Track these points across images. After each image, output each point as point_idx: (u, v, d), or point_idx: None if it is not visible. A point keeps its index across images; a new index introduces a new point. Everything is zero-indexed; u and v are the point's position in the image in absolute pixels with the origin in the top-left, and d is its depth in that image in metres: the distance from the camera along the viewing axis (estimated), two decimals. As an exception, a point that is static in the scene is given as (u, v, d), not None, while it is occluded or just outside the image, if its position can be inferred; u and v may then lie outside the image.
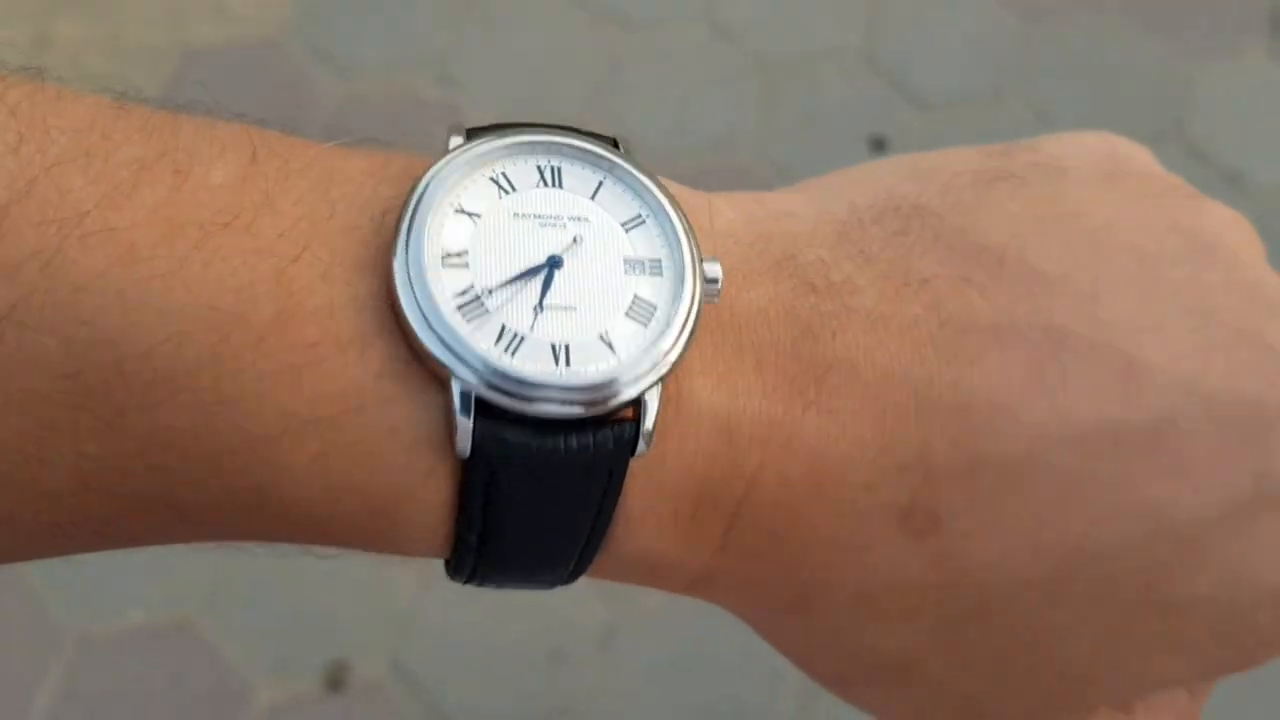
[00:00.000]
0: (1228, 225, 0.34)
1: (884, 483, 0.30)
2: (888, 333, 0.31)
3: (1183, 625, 0.32)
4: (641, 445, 0.29)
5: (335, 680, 1.38)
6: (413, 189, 0.28)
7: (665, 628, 1.41)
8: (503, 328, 0.28)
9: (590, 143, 0.31)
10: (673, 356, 0.28)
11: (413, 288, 0.27)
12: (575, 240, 0.29)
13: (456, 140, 0.30)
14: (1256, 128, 1.75)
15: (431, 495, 0.28)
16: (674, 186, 0.32)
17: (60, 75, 0.29)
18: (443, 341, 0.27)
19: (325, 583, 1.43)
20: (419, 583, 1.43)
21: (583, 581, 0.34)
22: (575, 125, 0.32)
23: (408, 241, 0.27)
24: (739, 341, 0.30)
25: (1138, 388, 0.31)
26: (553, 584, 0.33)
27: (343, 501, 0.28)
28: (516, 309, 0.28)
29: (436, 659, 1.40)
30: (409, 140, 0.33)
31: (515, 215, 0.29)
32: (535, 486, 0.28)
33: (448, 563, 0.32)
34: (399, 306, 0.27)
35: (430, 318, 0.27)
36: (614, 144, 0.32)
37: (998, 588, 0.31)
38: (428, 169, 0.29)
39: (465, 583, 0.32)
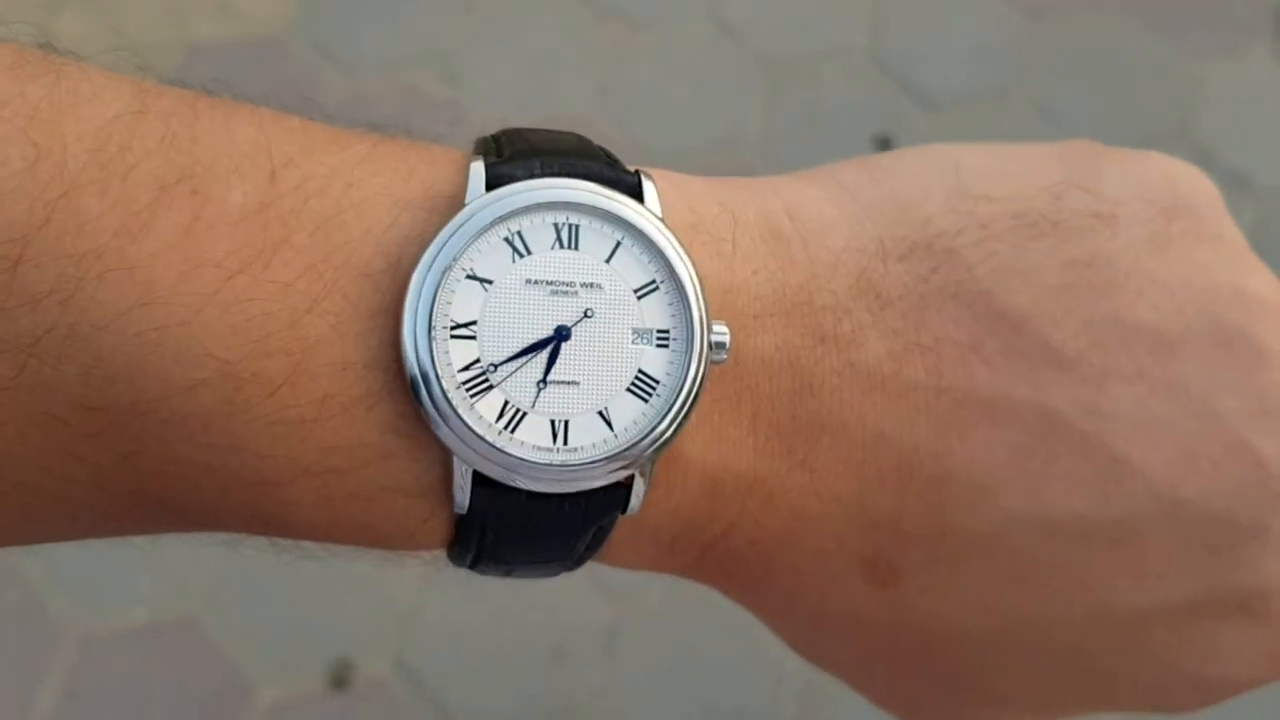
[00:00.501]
0: (1263, 311, 0.33)
1: (853, 536, 0.32)
2: (885, 396, 0.31)
3: (1103, 686, 0.34)
4: (632, 507, 0.30)
5: (339, 679, 1.38)
6: (428, 250, 0.28)
7: (668, 629, 1.41)
8: (505, 403, 0.29)
9: (611, 196, 0.30)
10: (669, 437, 0.29)
11: (419, 359, 0.28)
12: (586, 313, 0.30)
13: (476, 167, 0.30)
14: (1262, 129, 1.75)
15: (428, 536, 0.30)
16: (699, 190, 0.32)
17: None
18: (444, 419, 0.28)
19: (329, 581, 1.43)
20: (423, 581, 1.43)
21: (587, 582, 0.37)
22: (588, 138, 0.32)
23: (417, 310, 0.28)
24: (739, 393, 0.31)
25: (1115, 487, 0.31)
26: (541, 577, 0.35)
27: (345, 533, 0.30)
28: (520, 384, 0.29)
29: (440, 658, 1.40)
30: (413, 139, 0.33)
31: (527, 282, 0.29)
32: (525, 542, 0.30)
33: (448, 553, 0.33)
34: (406, 375, 0.28)
35: (434, 393, 0.28)
36: (637, 183, 0.31)
37: (943, 633, 0.33)
38: (444, 227, 0.29)
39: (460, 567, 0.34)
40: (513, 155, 0.30)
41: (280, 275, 0.27)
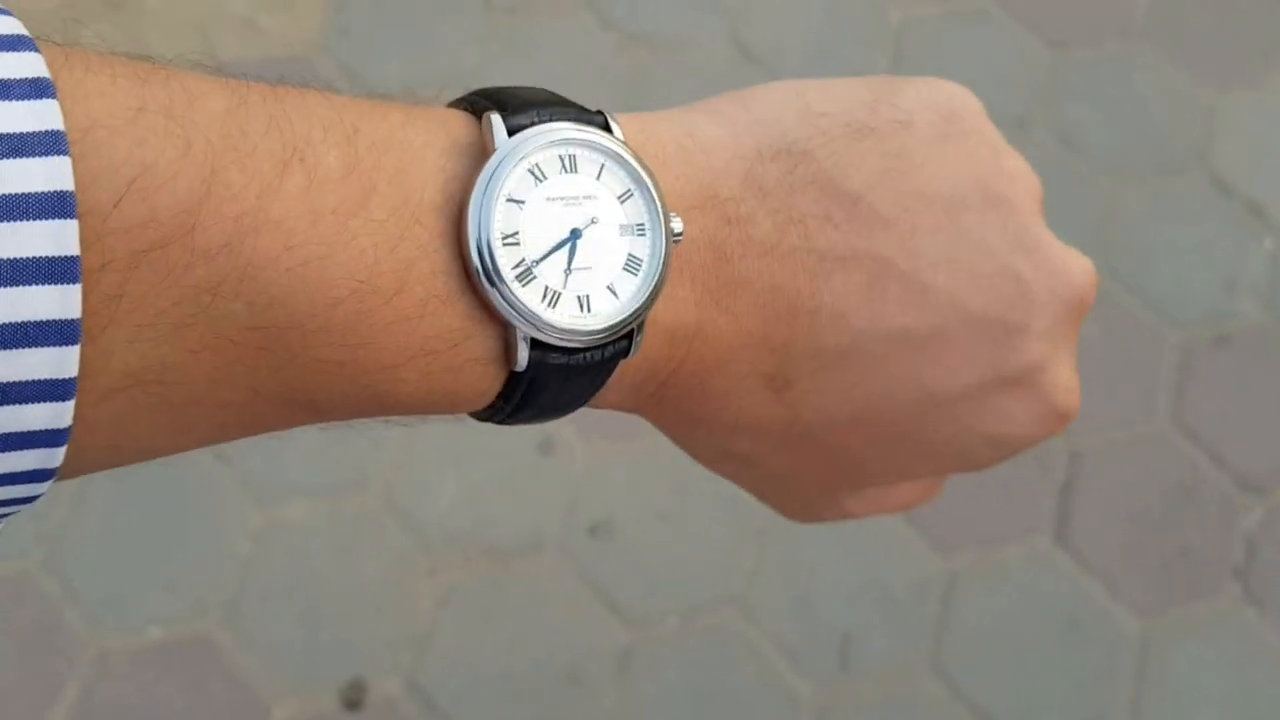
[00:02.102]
0: (1016, 178, 0.46)
1: (761, 359, 0.43)
2: (774, 258, 0.42)
3: (930, 450, 0.47)
4: (631, 353, 0.40)
5: (352, 699, 1.38)
6: (477, 182, 0.37)
7: (681, 652, 1.41)
8: (546, 288, 0.38)
9: (594, 132, 0.40)
10: (653, 297, 0.39)
11: (482, 264, 0.36)
12: (592, 219, 0.39)
13: (496, 120, 0.39)
14: (1278, 158, 1.75)
15: (493, 390, 0.39)
16: (638, 125, 0.43)
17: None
18: (508, 303, 0.37)
19: (343, 601, 1.44)
20: (436, 602, 1.43)
21: (602, 606, 0.40)
22: (557, 95, 0.42)
23: (479, 226, 0.37)
24: (680, 267, 0.41)
25: (928, 305, 0.44)
26: (555, 419, 0.44)
27: (436, 398, 0.39)
28: (553, 272, 0.38)
29: (453, 679, 1.40)
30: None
31: (548, 199, 0.39)
32: (561, 383, 0.40)
33: (477, 414, 0.42)
34: (476, 277, 0.36)
35: (499, 286, 0.37)
36: (606, 121, 0.41)
37: (820, 422, 0.45)
38: (484, 163, 0.38)
39: (486, 421, 0.43)
40: (515, 109, 0.40)
41: (377, 215, 0.35)
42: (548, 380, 0.40)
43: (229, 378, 0.35)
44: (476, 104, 0.41)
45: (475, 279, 0.37)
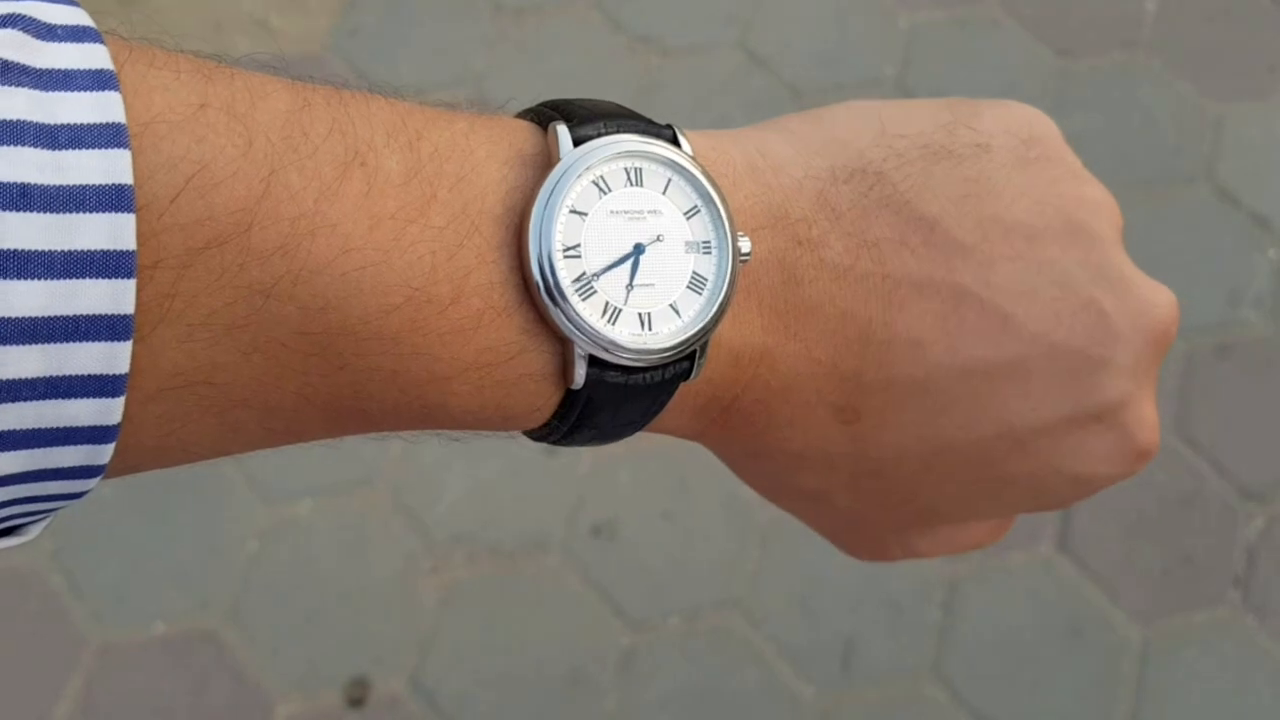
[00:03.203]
0: (1099, 207, 0.45)
1: (829, 388, 0.42)
2: (846, 283, 0.41)
3: (1007, 490, 0.46)
4: (692, 376, 0.39)
5: (355, 697, 1.38)
6: (540, 192, 0.37)
7: (683, 654, 1.41)
8: (606, 303, 0.37)
9: (662, 145, 0.39)
10: (718, 318, 0.39)
11: (542, 277, 0.36)
12: (657, 235, 0.39)
13: (562, 130, 0.38)
14: (1289, 169, 1.75)
15: (548, 407, 0.38)
16: (708, 142, 0.42)
17: None
18: (567, 318, 0.36)
19: (348, 599, 1.44)
20: (441, 600, 1.43)
21: (605, 607, 0.40)
22: (625, 107, 0.41)
23: (540, 238, 0.36)
24: (748, 288, 0.40)
25: (1007, 337, 0.42)
26: (613, 441, 0.43)
27: (488, 413, 0.38)
28: (615, 288, 0.38)
29: (455, 678, 1.40)
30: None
31: (611, 212, 0.38)
32: (619, 404, 0.39)
33: (532, 434, 0.41)
34: (534, 290, 0.36)
35: (558, 299, 0.36)
36: (674, 135, 0.40)
37: (891, 458, 0.44)
38: (547, 174, 0.37)
39: (541, 441, 0.42)
40: (581, 120, 0.39)
41: (436, 222, 0.35)
42: (605, 400, 0.39)
43: (278, 382, 0.34)
44: (543, 114, 0.40)
45: (534, 291, 0.36)
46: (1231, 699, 1.45)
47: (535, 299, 0.36)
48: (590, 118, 0.39)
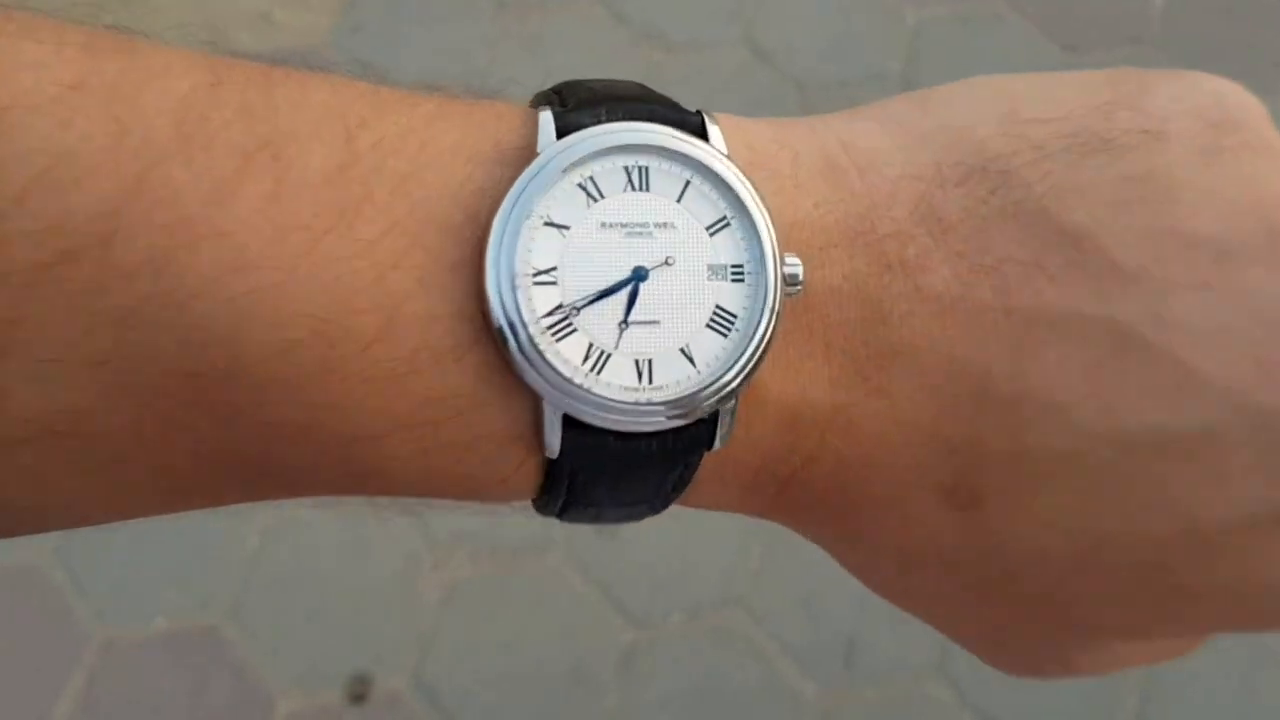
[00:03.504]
0: None
1: (932, 463, 0.32)
2: (954, 319, 0.31)
3: (1191, 604, 0.34)
4: (716, 443, 0.31)
5: (356, 693, 1.38)
6: (506, 197, 0.29)
7: (685, 652, 1.41)
8: (590, 346, 0.29)
9: (678, 137, 0.31)
10: (750, 369, 0.30)
11: (504, 308, 0.28)
12: (664, 257, 0.30)
13: (545, 116, 0.30)
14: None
15: (520, 481, 0.31)
16: (756, 130, 0.33)
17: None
18: (531, 364, 0.28)
19: (349, 596, 1.44)
20: (442, 598, 1.43)
21: (606, 604, 0.36)
22: (648, 89, 0.33)
23: (499, 258, 0.28)
24: (811, 325, 0.31)
25: (1189, 396, 0.31)
26: (627, 521, 0.36)
27: (443, 484, 0.30)
28: (603, 325, 0.29)
29: (458, 675, 1.40)
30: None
31: (602, 225, 0.30)
32: (615, 480, 0.31)
33: (534, 503, 0.34)
34: (491, 325, 0.28)
35: (521, 339, 0.28)
36: (702, 123, 0.32)
37: (1028, 558, 0.33)
38: (520, 176, 0.29)
39: (543, 514, 0.34)
40: (578, 104, 0.31)
41: (364, 233, 0.27)
42: (595, 473, 0.31)
43: (163, 436, 0.27)
44: (548, 99, 0.32)
45: (491, 327, 0.29)
46: (1237, 698, 1.44)
47: (493, 336, 0.29)
48: (590, 101, 0.32)
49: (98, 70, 0.26)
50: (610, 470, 0.30)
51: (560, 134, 0.30)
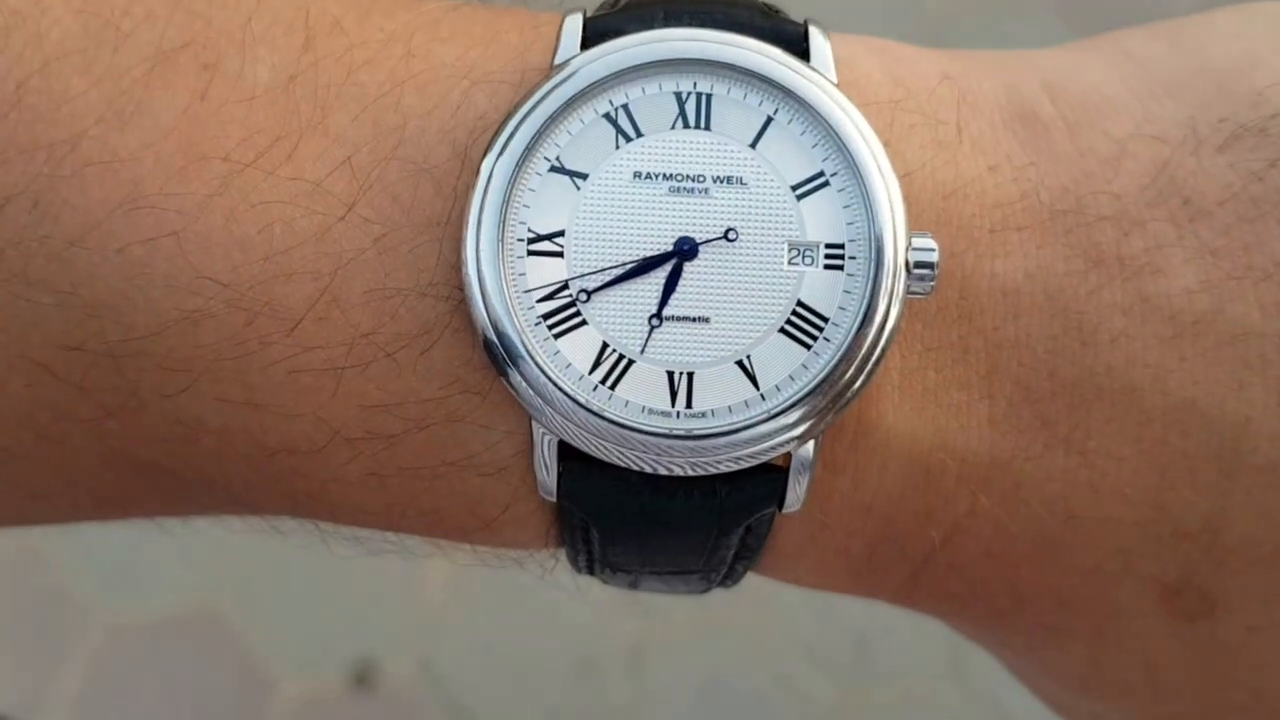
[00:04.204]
0: None
1: (1149, 550, 0.22)
2: (1198, 347, 0.21)
3: None
4: (790, 502, 0.22)
5: (362, 677, 1.37)
6: (497, 132, 0.21)
7: (694, 646, 1.39)
8: (604, 347, 0.21)
9: (759, 50, 0.21)
10: (846, 398, 0.21)
11: (482, 284, 0.20)
12: (724, 226, 0.21)
13: (572, 20, 0.22)
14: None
15: (515, 528, 0.23)
16: (913, 58, 0.23)
17: None
18: (518, 368, 0.21)
19: (356, 579, 1.42)
20: (451, 584, 1.42)
21: (613, 595, 0.31)
22: None
23: (481, 214, 0.21)
24: (967, 340, 0.22)
25: None
26: (678, 593, 0.27)
27: (408, 521, 0.23)
28: (624, 319, 0.21)
29: (464, 661, 1.39)
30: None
31: (636, 175, 0.21)
32: (641, 539, 0.23)
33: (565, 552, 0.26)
34: (470, 309, 0.21)
35: (503, 332, 0.20)
36: (803, 34, 0.22)
37: (1277, 690, 0.23)
38: (522, 101, 0.21)
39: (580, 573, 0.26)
40: (630, 4, 0.22)
41: (307, 170, 0.20)
42: (612, 527, 0.22)
43: (55, 427, 0.21)
44: (603, 4, 0.24)
45: (469, 310, 0.21)
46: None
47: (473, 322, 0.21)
48: (646, 2, 0.22)
49: None
50: (632, 527, 0.22)
51: (592, 43, 0.22)
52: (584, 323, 0.21)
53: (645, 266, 0.21)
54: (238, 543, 1.39)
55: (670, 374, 0.21)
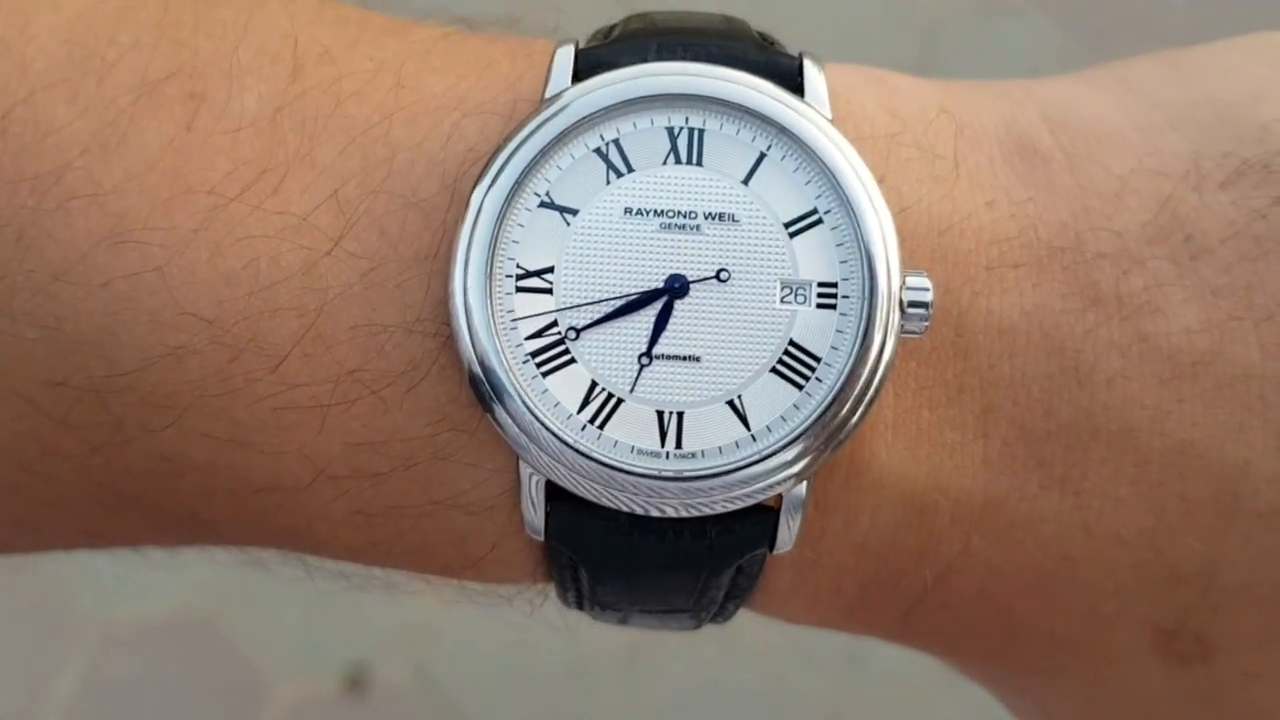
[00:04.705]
0: None
1: (1144, 592, 0.22)
2: (1197, 388, 0.21)
3: None
4: (781, 542, 0.22)
5: (356, 682, 1.37)
6: (486, 166, 0.20)
7: (689, 652, 1.39)
8: (593, 386, 0.21)
9: (752, 86, 0.21)
10: (837, 439, 0.21)
11: (470, 321, 0.20)
12: (715, 263, 0.21)
13: (563, 53, 0.22)
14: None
15: (502, 566, 0.23)
16: (909, 90, 0.23)
17: None
18: (505, 407, 0.20)
19: (350, 583, 1.43)
20: (444, 588, 1.42)
21: None
22: (742, 20, 0.22)
23: (469, 250, 0.20)
24: (962, 378, 0.22)
25: None
26: (668, 630, 0.25)
27: (393, 558, 0.23)
28: (614, 357, 0.21)
29: (458, 667, 1.39)
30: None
31: (628, 211, 0.21)
32: (630, 580, 0.23)
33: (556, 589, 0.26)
34: (457, 345, 0.21)
35: (490, 369, 0.20)
36: (797, 69, 0.22)
37: None
38: (513, 134, 0.21)
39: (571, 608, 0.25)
40: (622, 37, 0.23)
41: (294, 204, 0.20)
42: (601, 568, 0.23)
43: (42, 463, 0.21)
44: (598, 35, 0.25)
45: (455, 347, 0.21)
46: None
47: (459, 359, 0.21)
48: (641, 34, 0.23)
49: None
50: (621, 568, 0.22)
51: (583, 76, 0.22)
52: (573, 361, 0.21)
53: (635, 304, 0.21)
54: (230, 549, 1.39)
55: (660, 413, 0.21)
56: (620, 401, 0.21)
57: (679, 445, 0.21)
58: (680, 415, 0.21)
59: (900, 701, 1.40)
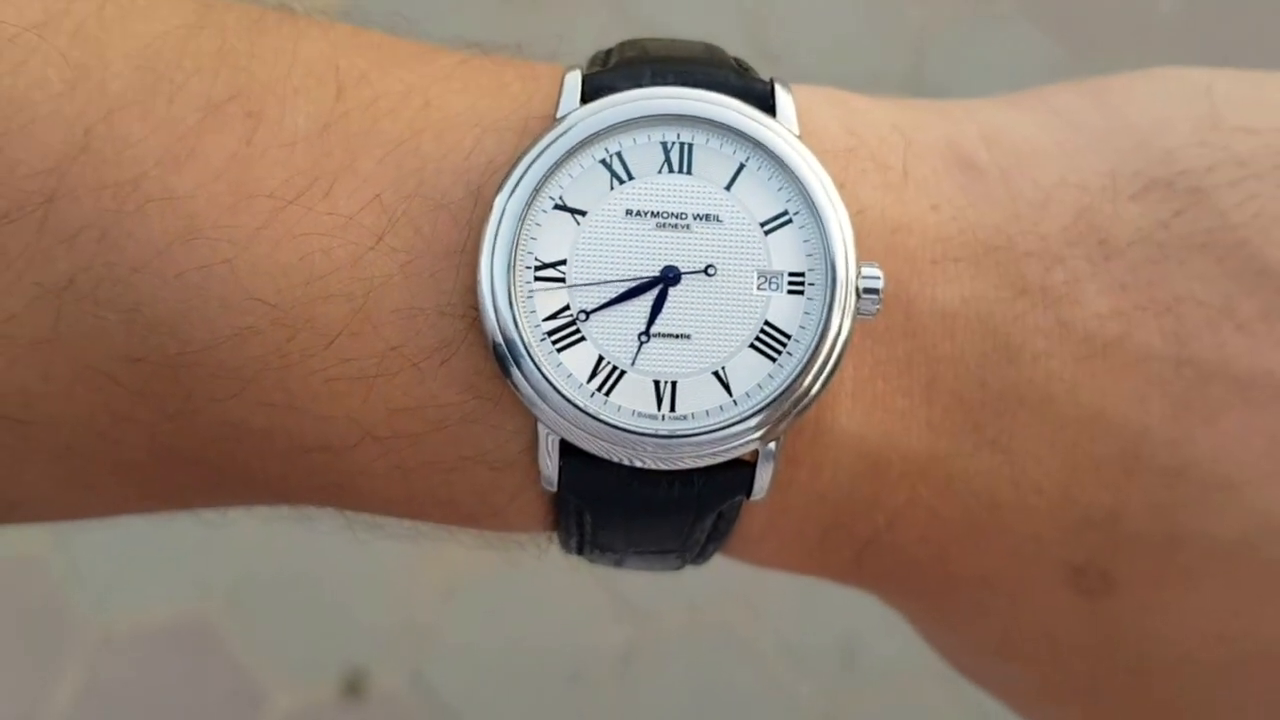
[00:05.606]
0: None
1: (1058, 536, 0.26)
2: (1107, 365, 0.25)
3: None
4: (757, 490, 0.26)
5: (353, 687, 1.37)
6: (507, 175, 0.24)
7: (684, 654, 1.40)
8: (599, 360, 0.25)
9: (733, 108, 0.26)
10: (803, 404, 0.25)
11: (496, 306, 0.24)
12: (703, 256, 0.25)
13: (572, 77, 0.26)
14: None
15: (520, 515, 0.27)
16: (865, 109, 0.27)
17: None
18: (526, 377, 0.24)
19: (347, 589, 1.43)
20: (442, 594, 1.42)
21: (603, 603, 0.33)
22: (721, 48, 0.27)
23: (495, 245, 0.24)
24: (910, 354, 0.26)
25: None
26: (657, 570, 0.30)
27: (426, 509, 0.27)
28: (618, 335, 0.25)
29: (455, 672, 1.39)
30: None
31: (628, 213, 0.25)
32: (628, 524, 0.27)
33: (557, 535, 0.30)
34: (483, 324, 0.24)
35: (514, 346, 0.24)
36: (769, 93, 0.26)
37: (1164, 661, 0.27)
38: (530, 148, 0.24)
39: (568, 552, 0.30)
40: (620, 64, 0.27)
41: (342, 206, 0.24)
42: (605, 514, 0.26)
43: (117, 428, 0.24)
44: (596, 59, 0.28)
45: (482, 327, 0.25)
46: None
47: (485, 336, 0.25)
48: (636, 61, 0.27)
49: (67, 10, 0.23)
50: (622, 513, 0.26)
51: (589, 98, 0.26)
52: (583, 339, 0.25)
53: (636, 291, 0.25)
54: (228, 554, 1.40)
55: (656, 383, 0.25)
56: (623, 373, 0.25)
57: (673, 409, 0.25)
58: (674, 384, 0.25)
59: (893, 702, 1.41)
